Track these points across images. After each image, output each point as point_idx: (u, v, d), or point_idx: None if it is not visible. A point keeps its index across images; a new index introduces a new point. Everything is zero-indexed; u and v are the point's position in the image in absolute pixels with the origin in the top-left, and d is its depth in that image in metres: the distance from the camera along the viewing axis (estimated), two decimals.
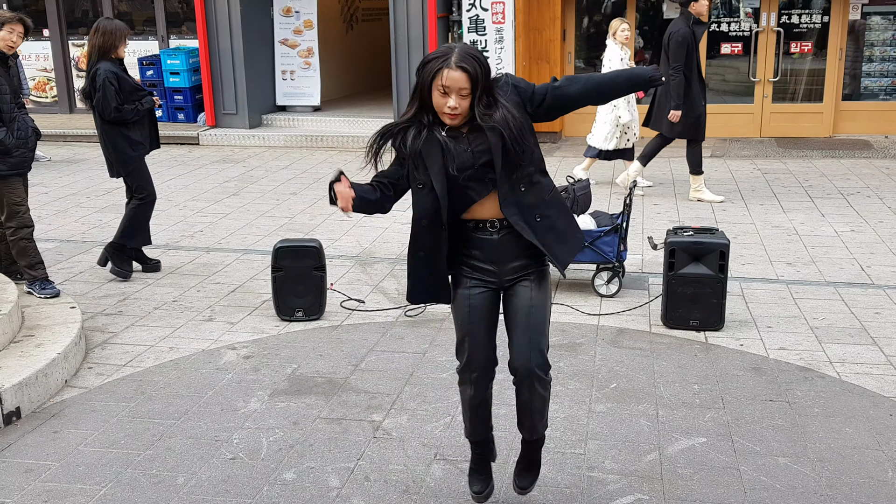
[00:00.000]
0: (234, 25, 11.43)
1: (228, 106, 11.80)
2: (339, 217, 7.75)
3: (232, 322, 5.31)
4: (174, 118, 12.33)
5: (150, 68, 12.27)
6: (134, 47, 12.95)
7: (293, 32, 12.29)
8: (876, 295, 5.58)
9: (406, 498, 3.43)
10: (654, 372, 4.51)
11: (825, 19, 10.75)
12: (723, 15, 11.02)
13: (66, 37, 13.23)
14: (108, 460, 3.73)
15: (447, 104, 2.82)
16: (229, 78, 11.66)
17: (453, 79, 2.78)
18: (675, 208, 7.79)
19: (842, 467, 3.58)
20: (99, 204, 8.36)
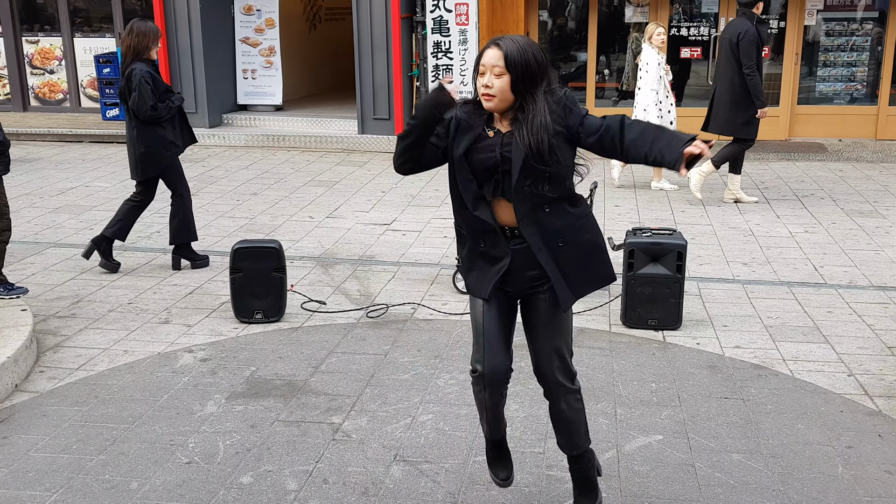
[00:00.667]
0: (194, 23, 11.32)
1: (188, 105, 11.64)
2: (300, 218, 7.71)
3: (189, 324, 5.26)
4: None
5: (107, 66, 12.10)
6: (90, 45, 12.79)
7: (254, 31, 12.20)
8: (828, 294, 5.69)
9: (365, 500, 3.42)
10: (613, 371, 4.55)
11: (781, 24, 10.95)
12: (683, 19, 11.16)
13: (20, 34, 12.99)
14: (59, 466, 3.67)
15: (482, 83, 2.79)
16: (189, 76, 11.53)
17: (489, 55, 2.79)
18: (636, 209, 7.88)
19: (794, 463, 3.65)
20: (53, 204, 8.22)
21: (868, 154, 10.30)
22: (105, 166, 10.03)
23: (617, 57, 11.55)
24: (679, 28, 11.12)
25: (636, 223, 7.30)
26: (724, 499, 3.39)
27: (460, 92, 2.87)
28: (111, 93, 12.15)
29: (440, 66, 10.47)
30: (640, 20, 11.22)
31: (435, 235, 7.09)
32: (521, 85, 2.78)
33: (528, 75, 2.78)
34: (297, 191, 8.75)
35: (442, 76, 9.72)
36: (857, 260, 6.39)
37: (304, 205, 8.18)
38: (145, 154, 6.04)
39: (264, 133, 11.39)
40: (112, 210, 7.93)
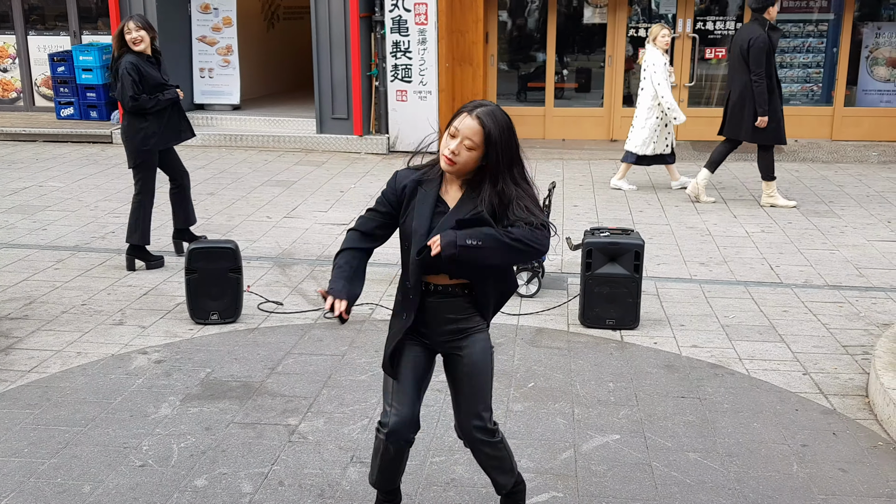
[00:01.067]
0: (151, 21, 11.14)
1: None
2: (257, 218, 7.64)
3: (143, 326, 5.18)
4: (86, 116, 11.96)
5: (62, 64, 11.88)
6: (44, 42, 12.54)
7: (212, 29, 12.07)
8: (784, 293, 5.78)
9: (321, 502, 3.39)
10: (571, 371, 4.57)
11: (738, 26, 11.10)
12: (642, 20, 11.27)
13: None
14: (9, 469, 3.58)
15: (449, 146, 2.71)
16: None
17: (466, 125, 2.69)
18: (594, 209, 7.93)
19: (749, 461, 3.69)
20: (5, 205, 8.05)
21: (823, 154, 10.49)
22: (59, 166, 9.84)
23: (576, 58, 11.63)
24: (637, 30, 11.23)
25: (594, 223, 7.35)
26: (680, 498, 3.42)
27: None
28: (66, 91, 11.94)
29: (399, 65, 10.44)
30: (599, 21, 11.31)
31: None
32: (497, 167, 2.73)
33: (504, 159, 2.73)
34: (254, 190, 8.67)
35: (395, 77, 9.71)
36: (812, 259, 6.50)
37: (261, 205, 8.10)
38: (127, 144, 6.16)
39: (221, 132, 11.26)
40: (66, 210, 7.80)
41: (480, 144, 2.70)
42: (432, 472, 3.60)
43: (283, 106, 12.63)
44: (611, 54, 11.27)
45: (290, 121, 11.45)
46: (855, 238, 7.06)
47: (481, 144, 2.70)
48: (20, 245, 6.78)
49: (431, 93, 10.47)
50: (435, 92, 10.47)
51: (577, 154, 10.60)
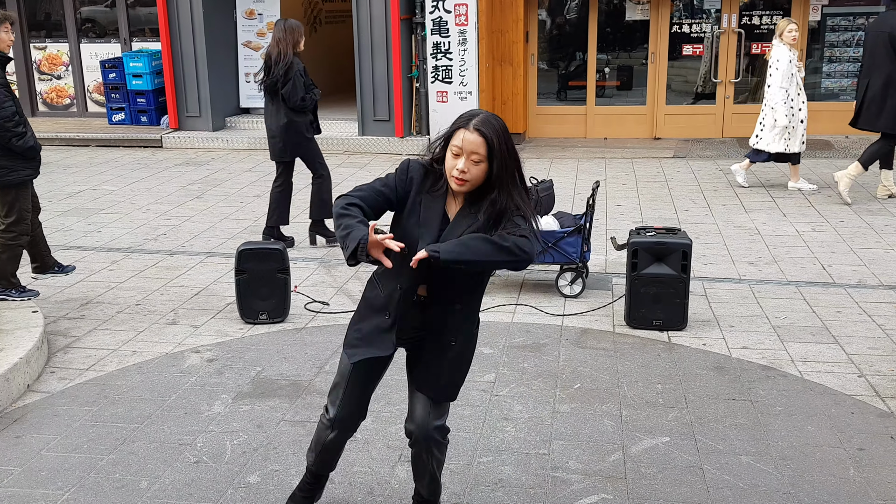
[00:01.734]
0: (197, 28, 11.32)
1: (192, 108, 11.68)
2: (303, 220, 7.71)
3: (195, 325, 5.25)
4: (137, 121, 12.18)
5: (113, 71, 12.11)
6: (96, 50, 12.80)
7: (256, 35, 12.20)
8: (837, 294, 5.66)
9: (371, 500, 3.41)
10: (618, 372, 4.54)
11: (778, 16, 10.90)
12: (685, 16, 11.14)
13: (28, 39, 13.01)
14: (70, 465, 3.67)
15: (456, 166, 2.65)
16: (192, 80, 11.54)
17: (468, 140, 2.64)
18: (639, 208, 7.86)
19: (804, 465, 3.63)
20: (61, 208, 8.23)
21: None
22: (112, 169, 10.04)
23: (617, 55, 11.54)
24: (681, 25, 11.10)
25: (638, 222, 7.28)
26: (732, 502, 3.38)
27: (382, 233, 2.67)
28: (117, 97, 12.17)
29: (439, 66, 10.46)
30: (641, 18, 11.20)
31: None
32: (500, 174, 2.67)
33: (507, 165, 2.68)
34: (298, 192, 8.71)
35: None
36: (865, 259, 6.36)
37: (306, 206, 8.16)
38: (294, 136, 6.70)
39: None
40: (120, 213, 7.96)
41: (486, 156, 2.65)
42: (479, 472, 3.60)
43: (326, 108, 12.67)
44: (654, 51, 11.15)
45: (333, 123, 11.52)
46: None
47: (486, 156, 2.65)
48: (76, 247, 6.93)
49: (472, 93, 10.47)
50: (475, 92, 10.46)
51: (619, 153, 10.51)
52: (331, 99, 13.68)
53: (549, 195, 6.00)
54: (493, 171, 2.67)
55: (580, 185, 8.79)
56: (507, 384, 4.39)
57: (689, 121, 11.31)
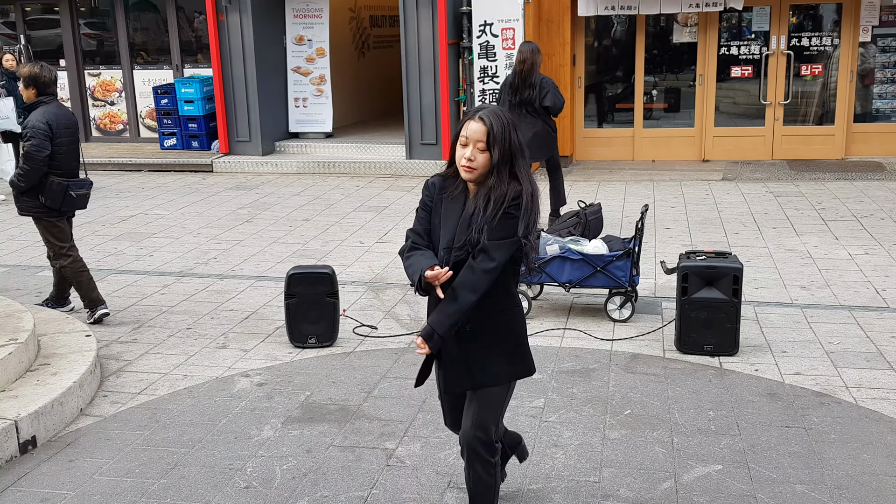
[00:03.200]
0: (248, 54, 11.56)
1: (242, 133, 11.90)
2: (351, 243, 7.78)
3: (245, 349, 5.32)
4: (188, 146, 12.44)
5: (165, 97, 12.41)
6: (148, 76, 13.13)
7: (306, 60, 12.41)
8: (892, 318, 5.53)
9: None
10: (669, 398, 4.48)
11: (835, 41, 10.77)
12: (732, 39, 11.05)
13: (83, 67, 13.41)
14: (122, 489, 3.73)
15: (464, 155, 2.81)
16: (243, 106, 11.76)
17: (472, 129, 2.80)
18: (688, 232, 7.78)
19: (860, 494, 3.54)
20: (114, 232, 8.42)
21: None
22: (163, 194, 10.25)
23: (665, 77, 11.48)
24: (729, 47, 11.01)
25: (688, 246, 7.21)
26: None
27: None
28: (168, 122, 12.45)
29: (486, 90, 10.51)
30: (689, 40, 11.14)
31: None
32: (500, 163, 2.81)
33: (503, 150, 2.80)
34: (347, 216, 8.83)
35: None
36: None
37: (354, 230, 8.25)
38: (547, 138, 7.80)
39: (315, 160, 11.54)
40: (171, 237, 8.11)
41: (486, 144, 2.81)
42: (529, 500, 3.57)
43: (374, 133, 12.87)
44: (702, 73, 11.08)
45: (381, 147, 11.65)
46: None
47: (486, 144, 2.80)
48: (128, 271, 7.08)
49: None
50: None
51: (667, 175, 10.43)
52: (379, 123, 13.85)
53: (597, 218, 5.98)
54: (493, 157, 2.80)
55: (628, 208, 8.74)
56: (557, 410, 4.36)
57: (738, 143, 11.19)
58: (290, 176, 11.24)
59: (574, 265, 5.56)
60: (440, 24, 10.53)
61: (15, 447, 4.02)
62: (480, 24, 10.33)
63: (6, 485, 3.80)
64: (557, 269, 5.58)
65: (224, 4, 11.42)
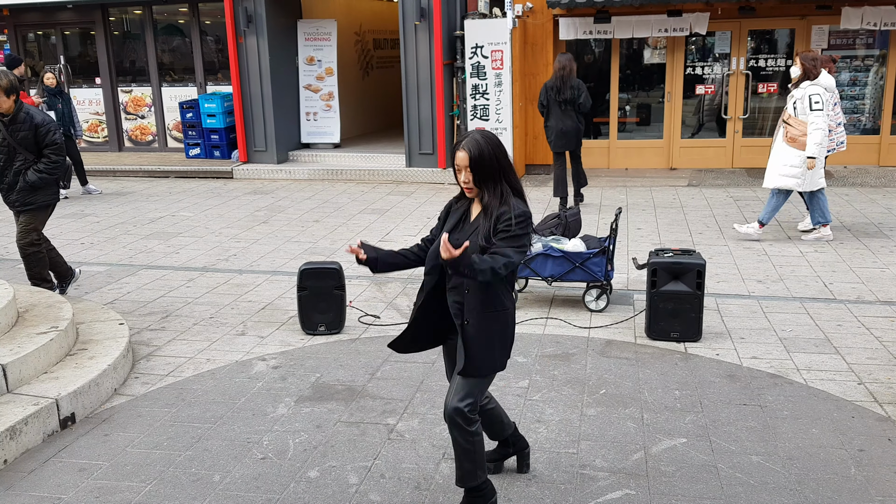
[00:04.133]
0: (264, 73, 11.55)
1: (259, 144, 11.89)
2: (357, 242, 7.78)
3: (262, 336, 5.33)
4: (211, 155, 12.43)
5: (190, 111, 12.39)
6: (175, 93, 13.10)
7: (316, 78, 12.40)
8: (838, 309, 5.56)
9: (417, 493, 3.42)
10: (640, 379, 4.50)
11: (788, 62, 10.80)
12: (697, 60, 11.07)
13: (116, 84, 13.37)
14: (152, 460, 3.73)
15: (461, 179, 3.00)
16: (259, 119, 11.75)
17: (459, 158, 2.98)
18: (657, 231, 7.80)
19: (809, 465, 3.56)
20: (144, 232, 8.41)
21: (872, 179, 10.08)
22: (189, 198, 10.24)
23: (637, 94, 11.50)
24: (693, 68, 11.04)
25: (657, 244, 7.22)
26: (744, 497, 3.32)
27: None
28: (193, 134, 12.43)
29: (477, 105, 10.52)
30: (659, 61, 11.16)
31: None
32: (480, 178, 2.97)
33: (486, 170, 2.95)
34: (353, 218, 8.83)
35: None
36: (864, 277, 6.24)
37: (359, 230, 8.25)
38: (578, 134, 8.69)
39: (324, 167, 11.53)
40: (195, 236, 8.10)
41: (468, 166, 2.95)
42: (515, 469, 3.58)
43: (377, 143, 12.86)
44: (670, 90, 11.10)
45: (383, 156, 11.65)
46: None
47: (468, 166, 2.95)
48: (157, 266, 7.07)
49: (507, 129, 10.50)
50: (510, 129, 10.50)
51: (639, 182, 10.45)
52: (381, 134, 13.84)
53: (576, 220, 5.98)
54: (476, 176, 2.96)
55: (604, 211, 8.76)
56: (540, 390, 4.38)
57: (702, 153, 11.22)
58: (302, 182, 11.24)
59: (555, 261, 5.57)
60: (436, 47, 10.53)
61: (56, 423, 4.03)
62: (472, 47, 10.33)
63: (48, 456, 3.80)
64: (541, 265, 5.60)
65: (242, 28, 11.41)
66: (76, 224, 8.86)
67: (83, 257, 7.45)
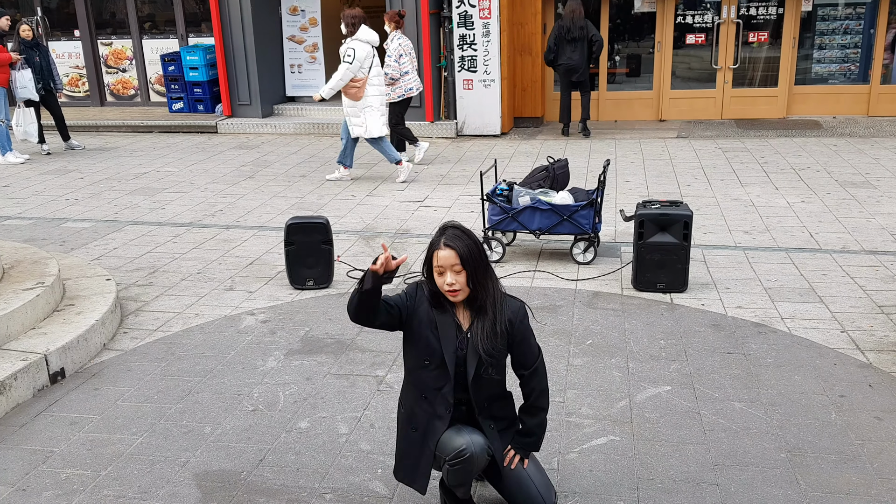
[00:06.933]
0: (247, 24, 11.35)
1: (243, 97, 11.76)
2: (344, 197, 7.77)
3: (250, 291, 5.35)
4: (194, 109, 12.28)
5: (172, 64, 12.20)
6: (156, 45, 12.89)
7: (299, 29, 12.21)
8: (823, 258, 5.63)
9: None
10: (625, 329, 4.57)
11: (780, 11, 10.72)
12: (688, 9, 10.97)
13: (95, 37, 13.13)
14: (143, 413, 3.78)
15: (446, 281, 2.66)
16: (243, 72, 11.60)
17: (443, 257, 2.65)
18: (645, 184, 7.82)
19: (791, 410, 3.65)
20: (129, 187, 8.36)
21: (860, 129, 10.10)
22: (173, 153, 10.16)
23: (627, 45, 11.41)
24: (685, 16, 10.94)
25: (645, 196, 7.25)
26: (727, 442, 3.41)
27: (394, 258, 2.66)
28: (176, 88, 12.27)
29: (465, 56, 10.41)
30: (648, 10, 11.05)
31: (463, 210, 7.12)
32: (476, 278, 2.68)
33: (478, 268, 2.67)
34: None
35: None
36: (849, 227, 6.31)
37: (346, 185, 8.23)
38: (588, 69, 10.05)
39: (310, 121, 11.43)
40: (181, 192, 8.07)
41: (461, 263, 2.65)
42: None
43: None
44: (660, 40, 11.01)
45: None
46: (890, 206, 6.82)
47: (461, 263, 2.65)
48: (143, 222, 7.05)
49: (495, 81, 10.42)
50: (498, 80, 10.42)
51: (628, 134, 10.44)
52: None
53: (564, 172, 5.99)
54: (469, 274, 2.66)
55: (593, 163, 8.76)
56: None
57: (692, 104, 11.18)
58: (288, 136, 11.15)
59: (543, 214, 5.59)
60: None
61: (45, 378, 4.06)
62: None
63: (39, 410, 3.84)
64: (528, 218, 5.62)
65: None
66: (60, 180, 8.79)
67: (68, 213, 7.41)
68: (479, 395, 2.80)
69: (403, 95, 8.74)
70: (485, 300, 2.72)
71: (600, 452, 3.35)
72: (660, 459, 3.28)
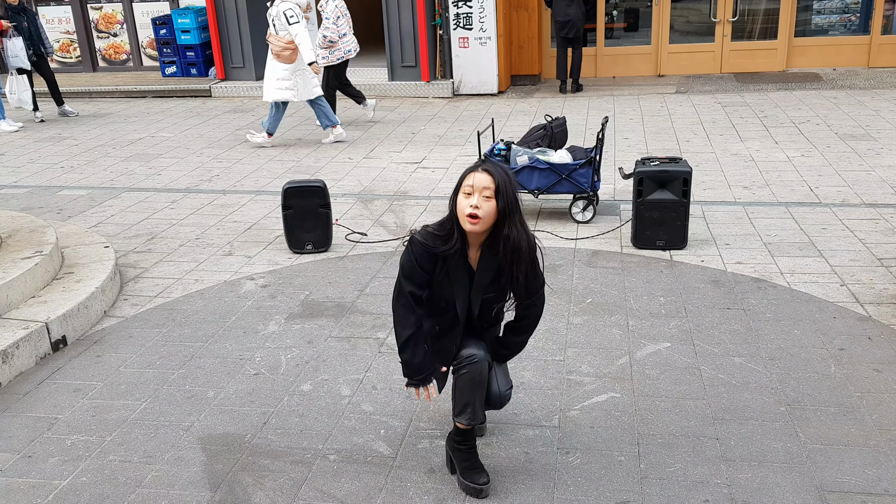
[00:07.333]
0: None
1: (236, 60, 11.61)
2: (341, 160, 7.72)
3: (249, 256, 5.34)
4: (187, 73, 12.14)
5: (163, 27, 12.03)
6: (147, 8, 12.68)
7: None
8: (823, 212, 5.61)
9: (409, 402, 3.51)
10: (625, 287, 4.57)
11: None
12: None
13: (85, 2, 12.91)
14: (146, 379, 3.80)
15: (470, 203, 2.62)
16: (235, 34, 11.43)
17: (478, 179, 2.63)
18: (644, 141, 7.76)
19: (790, 364, 3.67)
20: (124, 154, 8.30)
21: (861, 81, 10.00)
22: (167, 118, 10.07)
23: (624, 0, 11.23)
24: None
25: (644, 153, 7.21)
26: (727, 397, 3.43)
27: None
28: (168, 52, 12.11)
29: (460, 14, 10.26)
30: None
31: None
32: (506, 210, 2.64)
33: (511, 204, 2.64)
34: None
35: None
36: (849, 180, 6.28)
37: (343, 147, 8.17)
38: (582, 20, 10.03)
39: None
40: (176, 157, 8.01)
41: (494, 193, 2.62)
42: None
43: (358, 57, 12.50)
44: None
45: (365, 70, 11.42)
46: (890, 159, 6.78)
47: (494, 192, 2.62)
48: (140, 189, 7.02)
49: (491, 38, 10.28)
50: (494, 38, 10.28)
51: (626, 90, 10.33)
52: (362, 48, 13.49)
53: (562, 131, 5.94)
54: (500, 206, 2.64)
55: (591, 120, 8.69)
56: None
57: (691, 58, 11.05)
58: None
59: (542, 174, 5.56)
60: None
61: (47, 346, 4.08)
62: None
63: (42, 378, 3.86)
64: (527, 178, 5.59)
65: None
66: (55, 147, 8.72)
67: (64, 181, 7.37)
68: (483, 321, 2.91)
69: (343, 57, 8.64)
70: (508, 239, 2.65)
71: (601, 409, 3.37)
72: (660, 415, 3.31)
